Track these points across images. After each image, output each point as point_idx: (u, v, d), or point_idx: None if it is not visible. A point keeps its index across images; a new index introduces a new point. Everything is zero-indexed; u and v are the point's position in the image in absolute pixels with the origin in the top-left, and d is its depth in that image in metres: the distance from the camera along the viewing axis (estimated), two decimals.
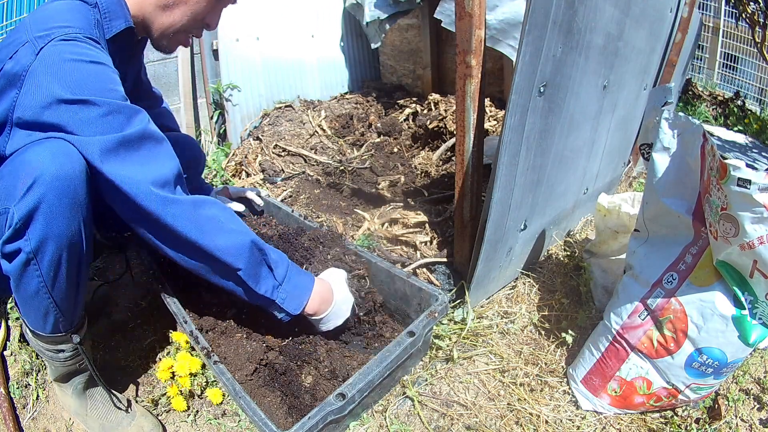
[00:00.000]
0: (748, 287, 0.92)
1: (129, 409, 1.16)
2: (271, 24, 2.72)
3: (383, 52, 3.25)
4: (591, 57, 1.30)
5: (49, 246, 0.87)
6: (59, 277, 0.92)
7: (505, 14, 2.10)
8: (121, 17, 1.00)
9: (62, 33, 0.88)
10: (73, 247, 0.91)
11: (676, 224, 1.04)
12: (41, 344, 1.05)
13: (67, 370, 1.12)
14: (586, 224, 1.86)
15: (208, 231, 0.97)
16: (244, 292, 1.06)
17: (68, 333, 1.04)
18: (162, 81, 2.46)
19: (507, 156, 1.14)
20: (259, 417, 0.92)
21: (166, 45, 1.11)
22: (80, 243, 0.91)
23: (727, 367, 0.99)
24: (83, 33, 0.91)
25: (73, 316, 1.02)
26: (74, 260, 0.93)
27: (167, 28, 1.06)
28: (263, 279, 1.05)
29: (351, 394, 0.96)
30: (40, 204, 0.83)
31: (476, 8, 1.12)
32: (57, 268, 0.90)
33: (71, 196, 0.86)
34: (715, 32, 3.61)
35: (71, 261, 0.92)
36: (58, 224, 0.86)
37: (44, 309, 0.96)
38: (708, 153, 0.92)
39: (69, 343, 1.06)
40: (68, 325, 1.02)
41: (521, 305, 1.46)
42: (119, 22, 1.00)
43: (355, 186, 2.14)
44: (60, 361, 1.08)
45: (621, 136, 1.83)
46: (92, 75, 0.88)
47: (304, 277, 1.13)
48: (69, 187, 0.85)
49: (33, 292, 0.92)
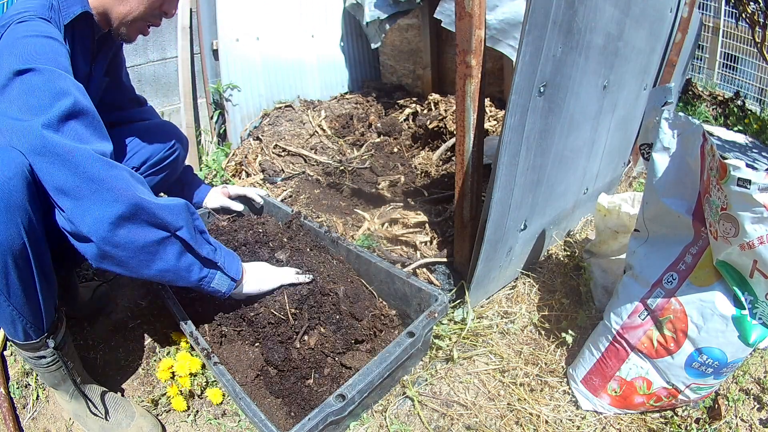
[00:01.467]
0: (748, 287, 0.92)
1: (108, 416, 1.15)
2: (271, 24, 2.72)
3: (383, 52, 3.25)
4: (591, 57, 1.30)
5: None
6: (12, 284, 0.90)
7: (505, 14, 2.10)
8: (77, 3, 1.02)
9: (18, 18, 0.94)
10: (19, 253, 0.88)
11: (676, 224, 1.04)
12: (23, 353, 1.05)
13: (54, 378, 1.10)
14: (586, 224, 1.86)
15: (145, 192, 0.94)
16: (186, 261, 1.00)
17: (42, 338, 1.02)
18: (162, 81, 2.46)
19: (507, 156, 1.14)
20: (259, 418, 0.92)
21: (126, 33, 1.12)
22: (24, 248, 0.89)
23: (727, 367, 0.99)
24: (36, 14, 0.96)
25: (41, 322, 1.00)
26: (24, 266, 0.90)
27: (125, 16, 1.07)
28: (201, 243, 1.03)
29: (351, 395, 0.96)
30: None
31: (476, 8, 1.12)
32: (6, 275, 0.88)
33: (5, 201, 0.84)
34: (715, 32, 3.61)
35: (21, 267, 0.90)
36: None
37: (10, 317, 0.95)
38: (708, 153, 0.92)
39: (48, 349, 1.05)
40: (39, 331, 1.01)
41: (521, 305, 1.46)
42: (75, 7, 1.02)
43: (355, 186, 2.14)
44: (44, 368, 1.07)
45: (621, 136, 1.83)
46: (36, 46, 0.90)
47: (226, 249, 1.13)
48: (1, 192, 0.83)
49: None
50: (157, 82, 2.45)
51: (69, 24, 1.01)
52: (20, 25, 0.93)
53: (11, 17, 0.94)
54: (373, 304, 1.34)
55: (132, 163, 1.34)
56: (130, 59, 2.29)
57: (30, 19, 0.94)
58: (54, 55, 0.92)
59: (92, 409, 1.14)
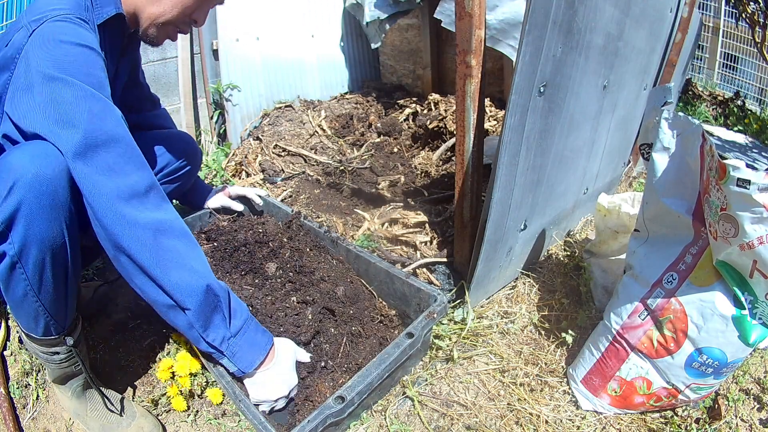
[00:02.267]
0: (748, 287, 0.92)
1: (123, 413, 1.15)
2: (271, 24, 2.72)
3: (383, 52, 3.25)
4: (591, 57, 1.30)
5: (32, 249, 0.86)
6: (45, 280, 0.91)
7: (505, 14, 2.10)
8: (111, 3, 1.02)
9: (54, 15, 0.91)
10: (57, 250, 0.89)
11: (676, 224, 1.04)
12: (36, 347, 1.05)
13: (64, 372, 1.11)
14: (586, 224, 1.86)
15: (164, 262, 0.91)
16: (193, 337, 1.00)
17: (61, 335, 1.03)
18: (162, 81, 2.46)
19: (507, 156, 1.14)
20: (258, 420, 0.92)
21: (155, 35, 1.11)
22: (64, 245, 0.90)
23: (727, 367, 0.99)
24: (74, 14, 0.94)
25: (64, 319, 1.01)
26: (60, 263, 0.91)
27: (157, 17, 1.07)
28: (214, 327, 0.99)
29: (350, 396, 0.96)
30: (20, 206, 0.83)
31: (476, 8, 1.12)
32: (42, 271, 0.89)
33: (51, 197, 0.85)
34: (715, 32, 3.61)
35: (56, 264, 0.91)
36: (39, 227, 0.85)
37: (34, 312, 0.95)
38: (707, 153, 0.92)
39: (63, 346, 1.05)
40: (60, 328, 1.02)
41: (521, 305, 1.46)
42: (110, 8, 1.01)
43: (355, 186, 2.14)
44: (55, 363, 1.08)
45: (621, 136, 1.83)
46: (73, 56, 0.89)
47: (262, 335, 1.05)
48: (48, 188, 0.84)
49: (21, 296, 0.91)
50: (157, 82, 2.45)
51: (102, 24, 1.01)
52: (57, 24, 0.90)
53: (45, 12, 0.91)
54: (373, 305, 1.35)
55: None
56: None
57: (68, 20, 0.92)
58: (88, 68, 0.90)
59: (108, 406, 1.14)
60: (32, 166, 0.83)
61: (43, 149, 0.85)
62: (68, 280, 0.96)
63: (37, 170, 0.83)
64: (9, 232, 0.84)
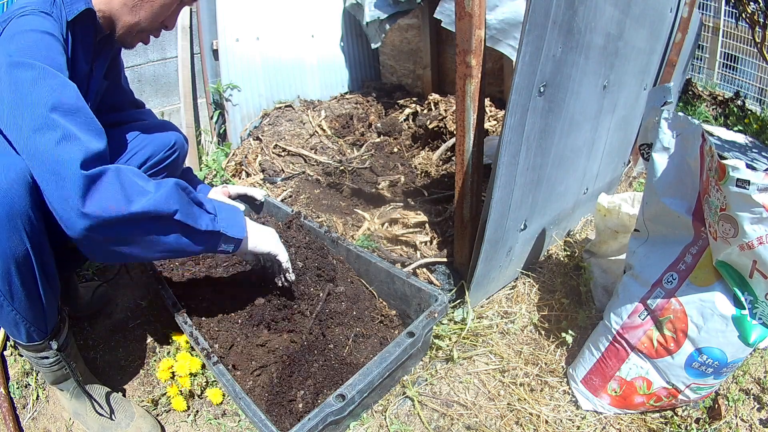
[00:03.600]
0: (747, 287, 0.92)
1: (113, 416, 1.15)
2: (271, 24, 2.72)
3: (383, 52, 3.25)
4: (591, 57, 1.30)
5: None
6: (15, 289, 0.90)
7: (505, 14, 2.10)
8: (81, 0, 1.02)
9: (19, 12, 0.94)
10: (22, 260, 0.88)
11: (676, 224, 1.04)
12: (25, 352, 1.06)
13: (56, 376, 1.11)
14: (586, 224, 1.86)
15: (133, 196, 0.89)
16: (189, 238, 0.99)
17: (45, 341, 1.03)
18: (162, 81, 2.46)
19: (507, 156, 1.14)
20: (259, 418, 0.92)
21: (129, 42, 1.13)
22: (27, 254, 0.89)
23: (727, 367, 0.99)
24: (38, 8, 0.96)
25: (44, 325, 1.01)
26: (27, 271, 0.90)
27: (132, 26, 1.08)
28: (199, 216, 1.00)
29: (351, 395, 0.96)
30: None
31: (476, 8, 1.12)
32: (10, 281, 0.88)
33: (7, 208, 0.84)
34: (715, 32, 3.61)
35: (24, 272, 0.90)
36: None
37: (12, 321, 0.95)
38: (707, 153, 0.92)
39: (49, 350, 1.05)
40: (42, 334, 1.02)
41: (521, 305, 1.46)
42: (79, 4, 1.02)
43: (355, 186, 2.14)
44: (46, 367, 1.08)
45: (621, 136, 1.83)
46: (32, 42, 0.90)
47: (228, 205, 1.11)
48: (3, 201, 0.83)
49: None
50: (157, 82, 2.45)
51: (72, 21, 1.01)
52: (21, 19, 0.93)
53: (13, 12, 0.95)
54: (373, 305, 1.35)
55: (133, 162, 1.34)
56: (130, 59, 2.29)
57: (30, 13, 0.95)
58: (48, 51, 0.91)
59: (97, 409, 1.14)
60: None
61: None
62: (40, 287, 0.95)
63: None
64: None
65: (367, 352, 1.20)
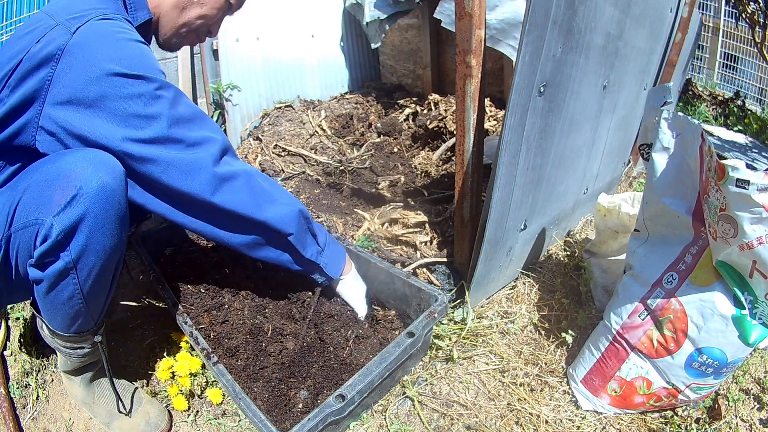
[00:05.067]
0: (747, 287, 0.92)
1: (130, 412, 1.16)
2: (271, 24, 2.72)
3: (383, 52, 3.25)
4: (591, 57, 1.30)
5: (90, 258, 0.86)
6: (95, 284, 0.91)
7: (505, 14, 2.10)
8: (144, 8, 1.03)
9: (99, 14, 0.89)
10: (113, 257, 0.91)
11: (676, 224, 1.04)
12: (60, 342, 1.05)
13: (82, 364, 1.13)
14: (586, 224, 1.86)
15: (262, 204, 1.02)
16: (291, 258, 1.14)
17: (89, 332, 1.04)
18: None
19: (507, 156, 1.14)
20: (259, 418, 0.92)
21: (176, 43, 1.14)
22: (120, 252, 0.93)
23: (727, 367, 0.99)
24: (120, 15, 0.94)
25: (98, 318, 1.03)
26: (111, 268, 0.93)
27: (181, 27, 1.09)
28: (309, 245, 1.14)
29: (351, 395, 0.96)
30: (84, 218, 0.82)
31: (476, 8, 1.12)
32: (95, 276, 0.90)
33: (116, 209, 0.86)
34: (715, 32, 3.61)
35: (108, 269, 0.92)
36: (101, 237, 0.86)
37: (75, 313, 0.96)
38: (706, 153, 0.92)
39: (89, 341, 1.06)
40: (92, 324, 1.03)
41: (521, 305, 1.46)
42: (143, 12, 1.03)
43: (355, 186, 2.14)
44: (78, 357, 1.09)
45: (621, 136, 1.83)
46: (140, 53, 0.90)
47: (338, 245, 1.26)
48: (114, 200, 0.85)
49: (66, 299, 0.91)
50: None
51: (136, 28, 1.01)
52: (107, 23, 0.89)
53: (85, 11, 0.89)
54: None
55: None
56: None
57: (115, 18, 0.92)
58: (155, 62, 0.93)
59: (120, 408, 1.14)
60: (96, 176, 0.83)
61: (103, 158, 0.85)
62: (113, 282, 0.99)
63: (102, 181, 0.83)
64: (69, 240, 0.83)
65: (367, 353, 1.20)
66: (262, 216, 1.02)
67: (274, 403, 1.09)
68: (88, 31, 0.86)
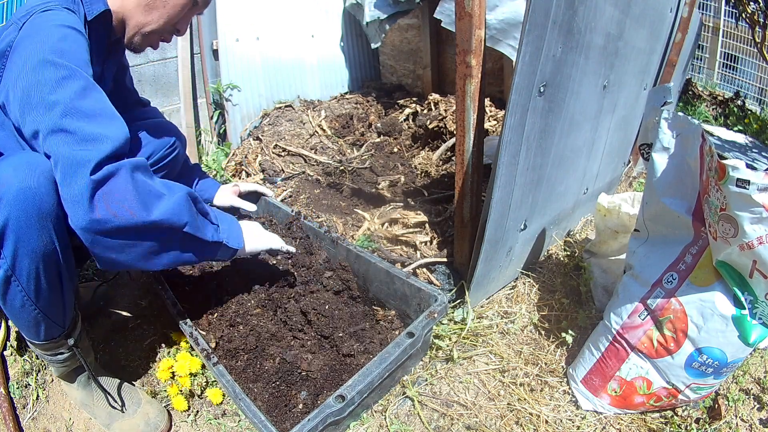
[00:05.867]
0: (747, 287, 0.92)
1: (124, 409, 1.16)
2: (271, 24, 2.72)
3: (383, 52, 3.25)
4: (591, 57, 1.30)
5: (24, 261, 0.86)
6: (41, 288, 0.91)
7: (505, 14, 2.10)
8: (100, 1, 1.03)
9: (41, 7, 0.93)
10: (49, 258, 0.89)
11: (676, 224, 1.04)
12: (38, 350, 1.07)
13: (68, 369, 1.13)
14: (586, 224, 1.86)
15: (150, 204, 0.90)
16: (195, 248, 1.02)
17: (61, 337, 1.04)
18: (162, 81, 2.46)
19: (507, 156, 1.14)
20: (259, 419, 0.92)
21: (138, 43, 1.12)
22: (55, 251, 0.90)
23: (727, 367, 0.99)
24: (60, 4, 0.96)
25: (63, 322, 1.02)
26: (53, 269, 0.91)
27: (143, 26, 1.08)
28: (205, 227, 1.04)
29: (350, 395, 0.96)
30: (7, 222, 0.82)
31: (476, 8, 1.12)
32: (37, 280, 0.89)
33: (37, 208, 0.84)
34: (715, 32, 3.61)
35: (50, 271, 0.91)
36: (28, 239, 0.85)
37: (33, 320, 0.96)
38: (706, 153, 0.91)
39: (65, 347, 1.06)
40: (60, 330, 1.02)
41: (521, 305, 1.46)
42: (99, 5, 1.02)
43: (355, 186, 2.14)
44: (59, 362, 1.09)
45: (621, 136, 1.83)
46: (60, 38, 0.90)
47: (226, 214, 1.15)
48: (33, 200, 0.84)
49: (19, 306, 0.91)
50: (157, 82, 2.45)
51: (90, 21, 1.01)
52: (45, 14, 0.92)
53: (33, 7, 0.94)
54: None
55: None
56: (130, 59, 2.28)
57: (55, 8, 0.94)
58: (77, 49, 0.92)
59: (110, 402, 1.14)
60: (15, 179, 0.82)
61: (24, 159, 0.85)
62: (63, 284, 0.96)
63: (20, 183, 0.83)
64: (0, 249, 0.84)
65: (367, 353, 1.20)
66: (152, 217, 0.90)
67: (274, 404, 1.09)
68: (29, 25, 0.91)
